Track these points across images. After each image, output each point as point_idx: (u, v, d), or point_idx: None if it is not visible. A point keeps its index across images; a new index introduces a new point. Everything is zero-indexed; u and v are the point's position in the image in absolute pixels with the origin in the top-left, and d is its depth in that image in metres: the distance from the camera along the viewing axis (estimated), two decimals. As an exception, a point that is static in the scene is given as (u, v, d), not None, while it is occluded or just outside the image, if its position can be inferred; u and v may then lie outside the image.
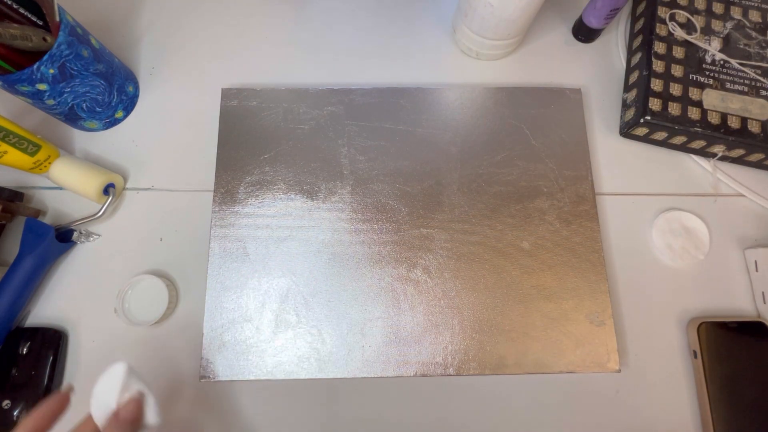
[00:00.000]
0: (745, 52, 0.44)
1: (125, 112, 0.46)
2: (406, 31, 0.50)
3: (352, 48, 0.49)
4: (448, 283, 0.40)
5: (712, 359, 0.38)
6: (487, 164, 0.44)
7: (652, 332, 0.41)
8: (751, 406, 0.38)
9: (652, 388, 0.40)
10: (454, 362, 0.39)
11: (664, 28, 0.45)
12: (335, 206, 0.42)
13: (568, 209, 0.43)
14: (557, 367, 0.39)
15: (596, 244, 0.42)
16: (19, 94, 0.38)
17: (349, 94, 0.45)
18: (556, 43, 0.50)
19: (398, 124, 0.45)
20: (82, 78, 0.39)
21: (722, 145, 0.42)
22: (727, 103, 0.42)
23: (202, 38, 0.49)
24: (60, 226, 0.41)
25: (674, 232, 0.43)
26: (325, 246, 0.41)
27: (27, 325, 0.40)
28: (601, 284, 0.41)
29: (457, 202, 0.43)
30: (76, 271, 0.42)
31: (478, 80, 0.48)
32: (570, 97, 0.46)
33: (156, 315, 0.39)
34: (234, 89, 0.45)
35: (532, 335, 0.39)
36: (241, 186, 0.43)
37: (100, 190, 0.41)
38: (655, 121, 0.42)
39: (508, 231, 0.42)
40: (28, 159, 0.39)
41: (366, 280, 0.40)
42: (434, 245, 0.41)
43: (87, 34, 0.40)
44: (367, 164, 0.43)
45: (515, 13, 0.41)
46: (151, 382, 0.39)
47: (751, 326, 0.40)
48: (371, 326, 0.39)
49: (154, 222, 0.43)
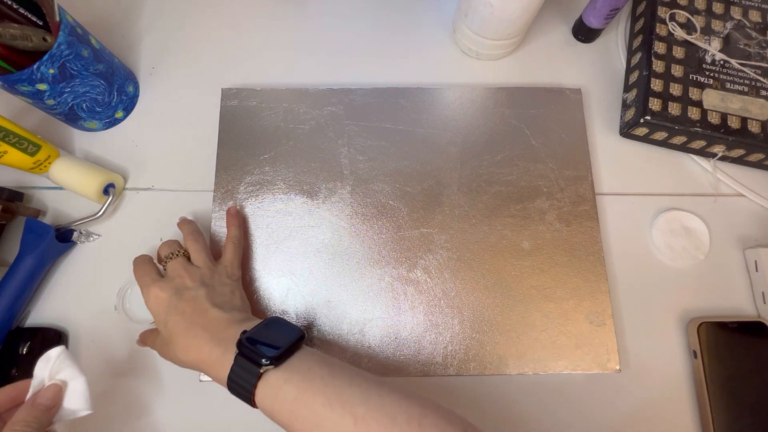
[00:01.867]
0: (745, 52, 0.44)
1: (125, 112, 0.46)
2: (406, 31, 0.50)
3: (352, 48, 0.49)
4: (448, 283, 0.40)
5: (712, 359, 0.38)
6: (487, 164, 0.44)
7: (652, 332, 0.41)
8: (751, 406, 0.38)
9: (652, 388, 0.40)
10: (454, 362, 0.39)
11: (664, 28, 0.45)
12: (335, 206, 0.42)
13: (568, 209, 0.43)
14: (557, 367, 0.39)
15: (596, 244, 0.42)
16: (19, 94, 0.38)
17: (349, 94, 0.45)
18: (556, 43, 0.50)
19: (398, 124, 0.45)
20: (82, 78, 0.39)
21: (722, 145, 0.42)
22: (727, 103, 0.42)
23: (202, 38, 0.49)
24: (60, 226, 0.41)
25: (674, 232, 0.43)
26: (325, 246, 0.41)
27: (27, 325, 0.40)
28: (601, 284, 0.41)
29: (457, 202, 0.43)
30: (76, 271, 0.42)
31: (478, 80, 0.48)
32: (570, 97, 0.46)
33: None
34: (234, 89, 0.45)
35: (532, 335, 0.39)
36: (241, 186, 0.43)
37: (100, 190, 0.41)
38: (655, 121, 0.42)
39: (508, 231, 0.42)
40: (28, 159, 0.39)
41: (366, 280, 0.40)
42: (434, 245, 0.41)
43: (87, 34, 0.40)
44: (367, 164, 0.43)
45: (515, 13, 0.41)
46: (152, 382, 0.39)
47: (751, 326, 0.40)
48: (371, 326, 0.39)
49: (154, 222, 0.43)
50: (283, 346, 0.30)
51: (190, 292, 0.33)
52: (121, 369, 0.39)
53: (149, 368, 0.39)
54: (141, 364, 0.39)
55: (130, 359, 0.39)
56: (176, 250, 0.36)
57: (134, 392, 0.39)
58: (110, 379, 0.39)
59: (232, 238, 0.39)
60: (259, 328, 0.32)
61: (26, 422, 0.27)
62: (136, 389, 0.39)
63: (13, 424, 0.27)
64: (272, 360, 0.29)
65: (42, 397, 0.29)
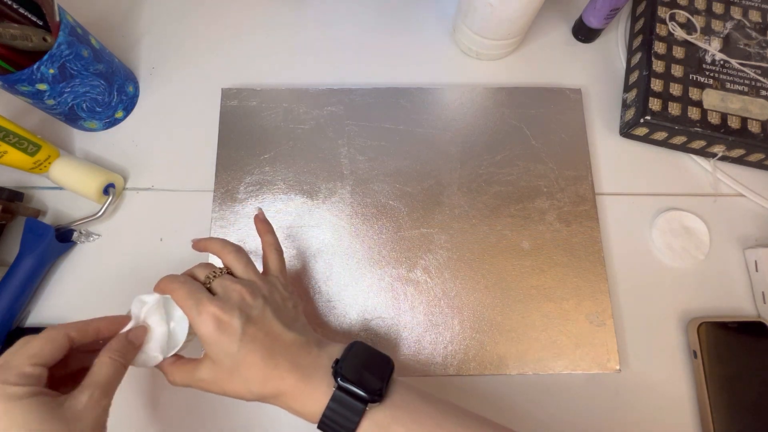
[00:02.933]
0: (745, 52, 0.44)
1: (125, 112, 0.46)
2: (407, 31, 0.50)
3: (352, 48, 0.49)
4: (448, 283, 0.40)
5: (712, 359, 0.38)
6: (487, 164, 0.44)
7: (652, 332, 0.41)
8: (751, 406, 0.38)
9: (652, 388, 0.40)
10: (454, 362, 0.39)
11: (664, 28, 0.45)
12: (335, 206, 0.42)
13: (568, 209, 0.43)
14: (557, 367, 0.39)
15: (596, 244, 0.42)
16: (19, 94, 0.38)
17: (349, 94, 0.45)
18: (556, 43, 0.50)
19: (398, 124, 0.45)
20: (82, 78, 0.39)
21: (722, 145, 0.42)
22: (727, 103, 0.42)
23: (202, 38, 0.49)
24: (60, 226, 0.41)
25: (674, 232, 0.43)
26: (325, 246, 0.41)
27: (27, 325, 0.40)
28: (601, 284, 0.41)
29: (457, 202, 0.43)
30: (76, 271, 0.42)
31: (478, 80, 0.48)
32: (570, 97, 0.46)
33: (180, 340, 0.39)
34: (234, 89, 0.45)
35: (532, 335, 0.39)
36: (241, 186, 0.43)
37: (100, 190, 0.41)
38: (655, 121, 0.42)
39: (508, 231, 0.42)
40: (28, 159, 0.39)
41: (366, 280, 0.40)
42: (434, 245, 0.41)
43: (87, 34, 0.40)
44: (367, 164, 0.43)
45: (515, 13, 0.41)
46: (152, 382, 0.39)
47: (751, 326, 0.40)
48: (371, 326, 0.39)
49: (154, 222, 0.43)
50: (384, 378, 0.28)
51: (256, 311, 0.29)
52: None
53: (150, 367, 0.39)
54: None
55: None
56: (216, 269, 0.31)
57: (134, 392, 0.39)
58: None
59: (272, 244, 0.35)
60: (351, 356, 0.29)
61: (121, 352, 0.28)
62: (136, 389, 0.39)
63: (109, 350, 0.28)
64: (376, 396, 0.27)
65: (133, 334, 0.29)
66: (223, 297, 0.29)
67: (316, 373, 0.28)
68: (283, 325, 0.30)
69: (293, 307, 0.32)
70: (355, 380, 0.27)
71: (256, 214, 0.36)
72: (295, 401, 0.28)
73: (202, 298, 0.28)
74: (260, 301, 0.30)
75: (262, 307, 0.29)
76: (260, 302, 0.29)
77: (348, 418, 0.27)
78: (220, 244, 0.33)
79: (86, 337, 0.28)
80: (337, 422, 0.27)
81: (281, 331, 0.29)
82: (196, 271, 0.32)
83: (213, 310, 0.28)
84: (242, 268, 0.32)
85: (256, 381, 0.28)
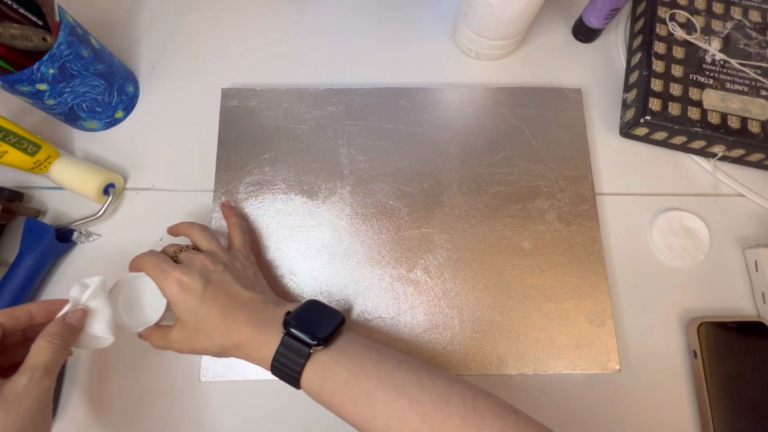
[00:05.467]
0: (745, 52, 0.44)
1: (125, 112, 0.46)
2: (406, 31, 0.50)
3: (353, 48, 0.49)
4: (448, 283, 0.40)
5: (712, 359, 0.38)
6: (487, 164, 0.44)
7: (652, 332, 0.41)
8: (751, 406, 0.38)
9: (652, 388, 0.40)
10: (454, 362, 0.39)
11: (664, 28, 0.45)
12: (335, 206, 0.42)
13: (568, 209, 0.43)
14: (557, 367, 0.39)
15: (596, 244, 0.42)
16: (19, 94, 0.38)
17: (349, 94, 0.45)
18: (556, 43, 0.50)
19: (398, 124, 0.45)
20: (82, 78, 0.39)
21: (722, 145, 0.42)
22: (727, 103, 0.42)
23: (202, 38, 0.49)
24: (60, 226, 0.41)
25: (674, 232, 0.43)
26: (325, 246, 0.41)
27: (27, 325, 0.40)
28: (601, 284, 0.41)
29: (457, 202, 0.43)
30: (76, 271, 0.42)
31: (478, 80, 0.48)
32: (570, 97, 0.46)
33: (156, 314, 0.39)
34: (234, 89, 0.45)
35: (532, 335, 0.39)
36: (241, 186, 0.43)
37: (100, 190, 0.41)
38: (655, 121, 0.42)
39: (508, 231, 0.42)
40: (28, 159, 0.39)
41: (366, 280, 0.40)
42: (434, 245, 0.41)
43: (87, 34, 0.40)
44: (367, 164, 0.43)
45: (515, 13, 0.41)
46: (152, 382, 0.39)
47: (751, 326, 0.40)
48: (371, 326, 0.39)
49: (154, 222, 0.43)
50: (330, 327, 0.31)
51: (216, 275, 0.32)
52: (121, 369, 0.39)
53: (149, 368, 0.39)
54: (141, 363, 0.39)
55: (130, 359, 0.39)
56: (183, 246, 0.36)
57: (134, 392, 0.39)
58: (109, 380, 0.39)
59: (236, 224, 0.39)
60: (302, 310, 0.32)
61: (59, 335, 0.29)
62: (136, 389, 0.39)
63: (45, 335, 0.29)
64: (321, 341, 0.29)
65: (71, 317, 0.30)
66: (186, 264, 0.33)
67: (270, 324, 0.31)
68: (242, 286, 0.33)
69: (253, 274, 0.35)
70: (303, 328, 0.30)
71: (222, 202, 0.41)
72: (252, 349, 0.31)
73: (167, 266, 0.32)
74: (220, 267, 0.33)
75: (222, 272, 0.33)
76: (220, 268, 0.33)
77: (295, 360, 0.29)
78: (188, 224, 0.38)
79: (18, 323, 0.29)
80: (285, 365, 0.29)
81: (240, 291, 0.32)
82: (166, 248, 0.36)
83: (176, 274, 0.31)
84: (206, 243, 0.35)
85: (218, 333, 0.31)
